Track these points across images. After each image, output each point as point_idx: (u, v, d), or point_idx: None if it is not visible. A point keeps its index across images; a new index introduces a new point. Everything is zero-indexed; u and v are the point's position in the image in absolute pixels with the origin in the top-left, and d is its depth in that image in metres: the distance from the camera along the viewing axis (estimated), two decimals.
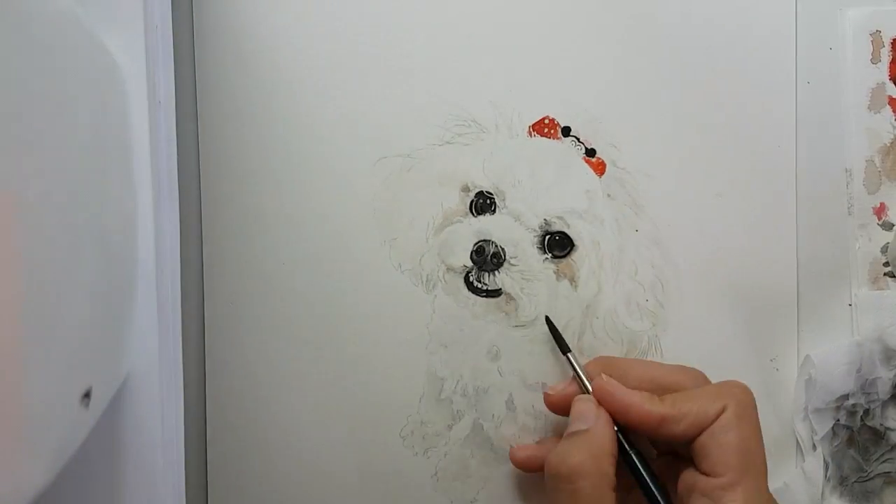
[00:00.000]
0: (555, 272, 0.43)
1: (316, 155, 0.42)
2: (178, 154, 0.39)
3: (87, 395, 0.28)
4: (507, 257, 0.42)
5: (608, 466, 0.36)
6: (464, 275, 0.42)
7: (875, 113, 0.44)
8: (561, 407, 0.40)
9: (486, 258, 0.42)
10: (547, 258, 0.42)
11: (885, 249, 0.44)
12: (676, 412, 0.36)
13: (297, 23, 0.42)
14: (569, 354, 0.41)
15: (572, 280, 0.43)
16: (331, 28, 0.42)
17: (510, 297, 0.42)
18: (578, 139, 0.43)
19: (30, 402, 0.23)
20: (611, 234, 0.43)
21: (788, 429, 0.44)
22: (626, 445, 0.38)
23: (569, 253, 0.43)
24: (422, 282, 0.42)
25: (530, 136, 0.43)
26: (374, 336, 0.42)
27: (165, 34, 0.36)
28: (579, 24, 0.43)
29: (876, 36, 0.44)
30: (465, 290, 0.42)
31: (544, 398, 0.41)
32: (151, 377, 0.34)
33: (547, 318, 0.42)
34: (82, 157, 0.28)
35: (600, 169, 0.43)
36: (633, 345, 0.43)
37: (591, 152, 0.43)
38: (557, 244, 0.42)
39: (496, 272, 0.42)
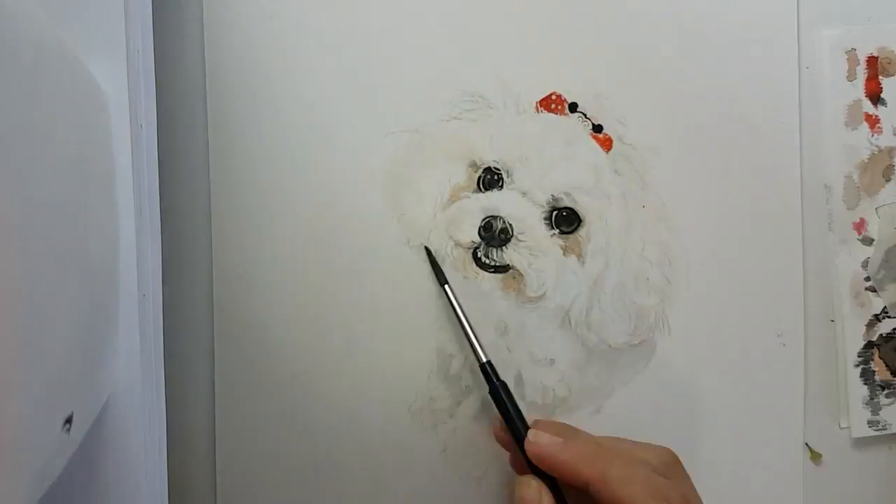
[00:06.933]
0: (562, 248, 0.43)
1: (324, 131, 0.42)
2: (183, 130, 0.39)
3: (68, 421, 0.28)
4: (514, 233, 0.42)
5: None
6: (472, 250, 0.42)
7: (852, 129, 0.44)
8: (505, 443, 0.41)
9: (494, 234, 0.42)
10: (554, 234, 0.42)
11: (865, 264, 0.45)
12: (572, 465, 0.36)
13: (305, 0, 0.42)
14: (446, 287, 0.41)
15: (580, 256, 0.43)
16: (339, 4, 0.42)
17: (518, 273, 0.42)
18: (585, 115, 0.43)
19: (12, 429, 0.23)
20: (618, 210, 0.43)
21: (798, 409, 0.44)
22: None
23: (576, 229, 0.43)
24: None
25: (537, 111, 0.43)
26: (383, 312, 0.42)
27: (147, 57, 0.36)
28: (587, 1, 0.43)
29: (851, 54, 0.44)
30: (473, 266, 0.42)
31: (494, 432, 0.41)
32: (133, 400, 0.34)
33: (426, 249, 0.42)
34: (65, 180, 0.28)
35: (607, 145, 0.43)
36: (640, 320, 0.43)
37: (598, 128, 0.43)
38: (565, 220, 0.42)
39: (504, 248, 0.42)
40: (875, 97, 0.44)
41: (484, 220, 0.42)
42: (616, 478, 0.34)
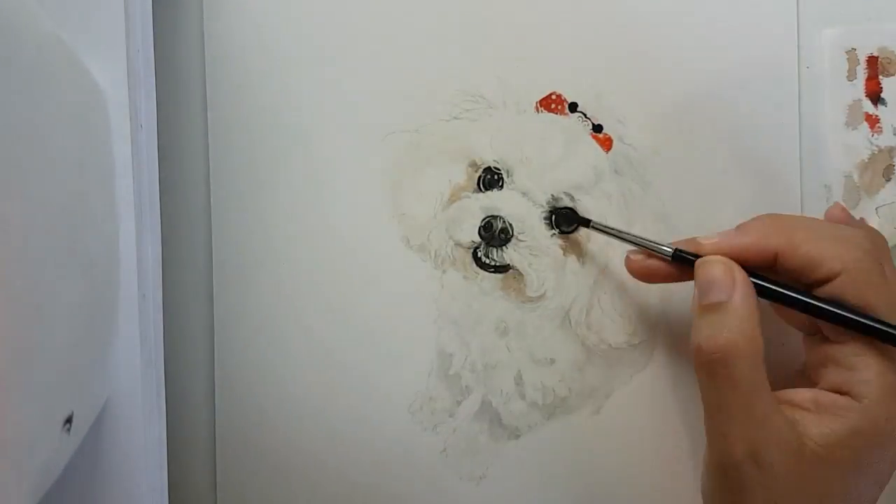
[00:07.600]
0: (562, 248, 0.43)
1: (324, 130, 0.42)
2: (183, 130, 0.40)
3: (68, 421, 0.28)
4: (514, 233, 0.42)
5: (760, 341, 0.32)
6: (472, 250, 0.42)
7: (852, 129, 0.44)
8: (645, 275, 0.38)
9: (494, 234, 0.42)
10: (554, 234, 0.42)
11: None
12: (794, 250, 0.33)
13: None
14: (592, 223, 0.40)
15: (580, 256, 0.43)
16: (338, 4, 0.42)
17: (518, 273, 0.42)
18: (585, 115, 0.43)
19: (12, 429, 0.23)
20: (618, 210, 0.43)
21: None
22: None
23: (576, 229, 0.43)
24: (430, 257, 0.42)
25: (537, 111, 0.43)
26: (383, 312, 0.42)
27: (147, 57, 0.37)
28: (587, 1, 0.43)
29: (851, 54, 0.44)
30: (473, 266, 0.42)
31: (627, 264, 0.38)
32: (133, 400, 0.34)
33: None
34: (65, 180, 0.28)
35: (607, 145, 0.43)
36: (640, 320, 0.43)
37: (598, 128, 0.43)
38: (565, 220, 0.43)
39: (504, 248, 0.42)
40: (875, 97, 0.44)
41: (484, 220, 0.42)
42: (803, 239, 0.33)
